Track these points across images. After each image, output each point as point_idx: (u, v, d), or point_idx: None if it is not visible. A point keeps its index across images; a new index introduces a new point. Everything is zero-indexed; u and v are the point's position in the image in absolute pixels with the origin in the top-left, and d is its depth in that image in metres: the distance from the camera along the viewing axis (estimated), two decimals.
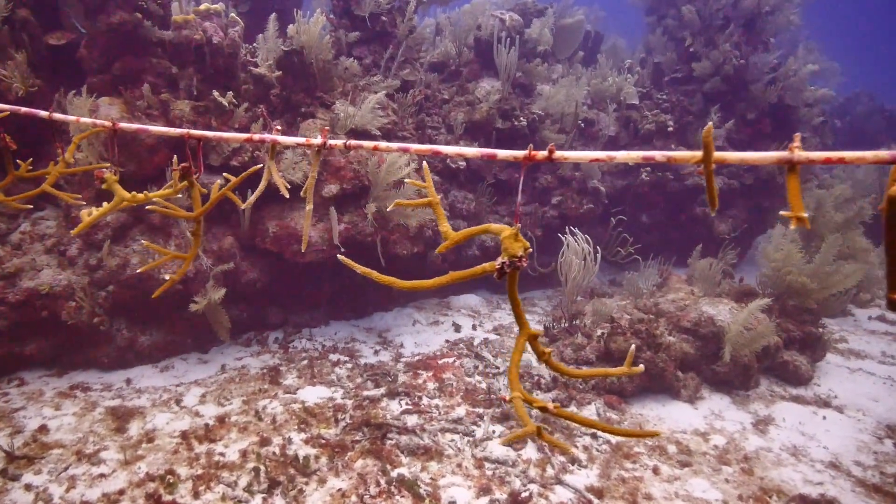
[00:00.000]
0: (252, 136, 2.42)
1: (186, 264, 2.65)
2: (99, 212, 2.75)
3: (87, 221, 2.71)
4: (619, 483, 5.65)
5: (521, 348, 1.99)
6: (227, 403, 6.30)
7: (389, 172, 6.68)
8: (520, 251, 1.89)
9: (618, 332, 6.99)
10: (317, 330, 7.89)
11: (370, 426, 6.00)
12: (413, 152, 2.11)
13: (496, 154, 1.94)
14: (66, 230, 6.59)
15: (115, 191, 2.73)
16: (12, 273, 6.29)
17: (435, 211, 2.11)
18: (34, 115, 2.92)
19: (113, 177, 2.74)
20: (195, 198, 2.64)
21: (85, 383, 6.49)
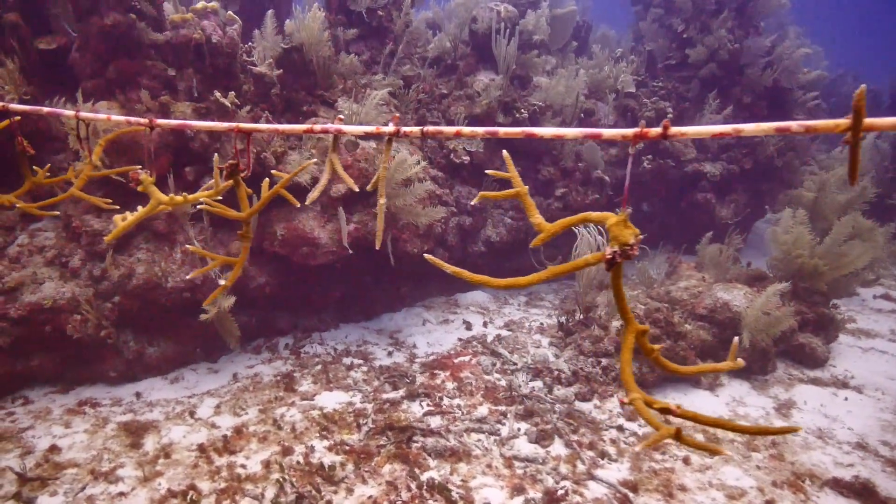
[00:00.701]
0: (313, 126, 2.26)
1: (237, 268, 2.48)
2: (135, 216, 2.58)
3: (122, 227, 2.54)
4: (651, 475, 5.55)
5: (631, 345, 1.86)
6: (244, 413, 6.10)
7: (398, 171, 6.51)
8: (631, 238, 1.76)
9: None
10: (327, 334, 7.70)
11: (394, 430, 5.84)
12: (502, 135, 1.96)
13: (601, 133, 1.80)
14: (67, 241, 6.34)
15: (152, 193, 2.56)
16: (13, 287, 6.04)
17: (524, 201, 1.96)
18: (58, 114, 2.73)
19: (149, 178, 2.57)
20: (241, 197, 2.48)
21: (93, 399, 6.26)
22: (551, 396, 6.57)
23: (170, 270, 6.27)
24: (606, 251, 1.77)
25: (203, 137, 6.31)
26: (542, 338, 7.99)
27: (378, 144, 6.99)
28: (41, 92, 6.56)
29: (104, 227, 6.20)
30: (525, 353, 7.44)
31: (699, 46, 10.23)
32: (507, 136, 1.90)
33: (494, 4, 9.51)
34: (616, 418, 6.35)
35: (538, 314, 8.85)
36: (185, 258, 6.41)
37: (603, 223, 1.83)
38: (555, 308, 9.13)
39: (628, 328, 1.86)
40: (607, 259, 1.76)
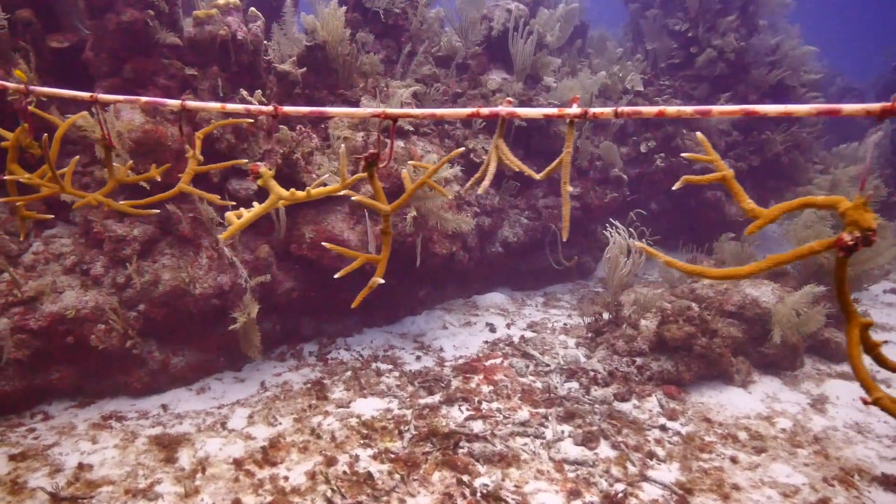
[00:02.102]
0: (479, 109, 2.11)
1: (381, 267, 2.31)
2: (252, 213, 2.41)
3: (239, 224, 2.36)
4: (702, 475, 5.47)
5: (857, 340, 1.75)
6: (278, 423, 5.88)
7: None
8: (873, 223, 1.64)
9: (669, 319, 6.82)
10: (352, 339, 7.50)
11: (438, 436, 5.67)
12: (716, 114, 1.83)
13: (841, 109, 1.68)
14: (87, 248, 6.05)
15: (271, 188, 2.39)
16: (32, 297, 5.73)
17: (731, 186, 1.83)
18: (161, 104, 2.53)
19: (268, 172, 2.40)
20: (377, 189, 2.31)
21: (118, 412, 5.97)
22: (589, 397, 6.46)
23: (197, 276, 6.02)
24: (845, 236, 1.64)
25: (229, 138, 6.08)
26: (568, 338, 7.88)
27: (405, 144, 6.83)
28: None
29: (128, 233, 5.93)
30: (555, 355, 7.32)
31: (708, 49, 10.25)
32: (723, 115, 1.77)
33: (505, 3, 9.41)
34: (657, 418, 6.27)
35: (558, 315, 8.75)
36: (212, 263, 6.17)
37: (832, 207, 1.71)
38: (573, 308, 9.04)
39: (852, 322, 1.74)
40: (847, 245, 1.64)
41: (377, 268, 2.31)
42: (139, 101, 2.51)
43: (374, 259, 2.30)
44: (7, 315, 5.69)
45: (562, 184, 1.96)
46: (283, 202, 2.37)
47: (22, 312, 5.69)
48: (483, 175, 2.15)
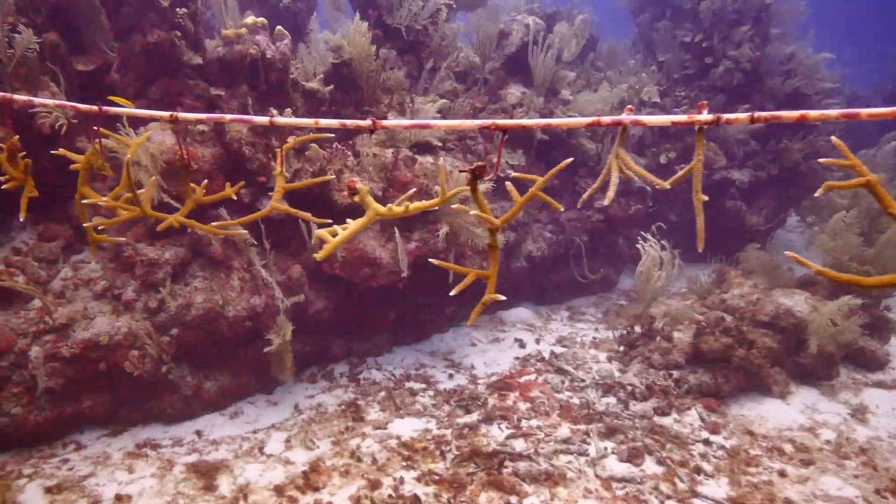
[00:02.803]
0: (600, 118, 2.04)
1: (492, 283, 2.23)
2: (349, 230, 2.32)
3: (336, 242, 2.28)
4: (753, 490, 5.36)
5: None
6: (316, 447, 5.75)
7: (460, 184, 6.29)
8: None
9: (705, 331, 6.74)
10: (382, 358, 7.39)
11: (481, 456, 5.56)
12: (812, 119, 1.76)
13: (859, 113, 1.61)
14: (117, 272, 5.95)
15: (368, 204, 2.31)
16: (64, 324, 5.63)
17: (876, 192, 1.75)
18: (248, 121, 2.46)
19: (365, 188, 2.31)
20: (480, 202, 2.23)
21: (152, 440, 5.85)
22: (628, 412, 6.36)
23: (229, 298, 5.93)
24: None
25: (260, 157, 6.01)
26: (599, 352, 7.78)
27: (434, 159, 6.77)
28: (80, 115, 6.20)
29: (160, 256, 5.84)
30: (588, 369, 7.22)
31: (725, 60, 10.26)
32: (871, 117, 1.69)
33: (522, 17, 9.41)
34: (699, 432, 6.16)
35: (585, 329, 8.65)
36: (244, 285, 6.07)
37: None
38: (599, 322, 8.95)
39: None
40: None
41: (488, 284, 2.22)
42: (223, 118, 2.43)
43: (485, 275, 2.22)
44: (39, 343, 5.58)
45: (693, 193, 1.89)
46: (381, 216, 2.29)
47: (54, 340, 5.58)
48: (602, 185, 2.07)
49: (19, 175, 2.85)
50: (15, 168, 2.86)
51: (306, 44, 6.83)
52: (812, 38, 11.54)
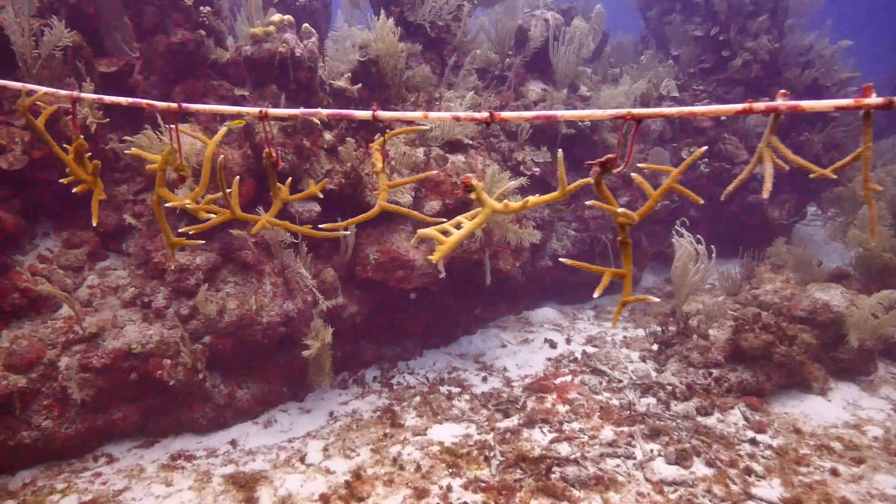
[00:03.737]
0: (752, 105, 1.88)
1: (628, 282, 2.07)
2: (465, 229, 2.16)
3: (452, 242, 2.12)
4: (807, 490, 5.23)
5: None
6: (355, 455, 5.59)
7: (494, 183, 6.13)
8: None
9: (745, 328, 6.60)
10: (413, 362, 7.23)
11: (527, 461, 5.41)
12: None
13: None
14: (146, 279, 5.78)
15: (484, 201, 2.15)
16: (95, 334, 5.45)
17: None
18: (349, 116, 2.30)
19: (480, 184, 2.16)
20: (606, 195, 2.07)
21: (186, 451, 5.67)
22: (670, 413, 6.22)
23: (263, 304, 5.76)
24: None
25: (292, 158, 5.84)
26: (631, 352, 7.65)
27: (465, 158, 6.61)
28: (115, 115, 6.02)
29: (191, 262, 5.66)
30: (623, 370, 7.08)
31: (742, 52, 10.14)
32: None
33: (540, 12, 9.26)
34: (744, 431, 6.03)
35: (613, 328, 8.51)
36: (276, 290, 5.91)
37: None
38: (627, 320, 8.81)
39: None
40: None
41: (624, 284, 2.06)
42: (318, 113, 2.27)
43: (620, 273, 2.06)
44: (69, 353, 5.41)
45: (863, 181, 1.74)
46: (499, 211, 2.13)
47: (84, 350, 5.40)
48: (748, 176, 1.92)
49: (88, 177, 2.68)
50: (83, 170, 2.69)
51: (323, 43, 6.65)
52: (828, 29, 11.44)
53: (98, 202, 2.76)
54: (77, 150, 2.70)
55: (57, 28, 5.05)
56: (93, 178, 2.71)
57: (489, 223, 6.39)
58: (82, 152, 2.73)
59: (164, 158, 2.57)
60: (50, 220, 6.09)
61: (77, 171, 2.67)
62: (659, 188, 2.05)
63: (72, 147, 2.73)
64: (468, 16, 7.93)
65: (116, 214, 6.16)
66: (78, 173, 2.68)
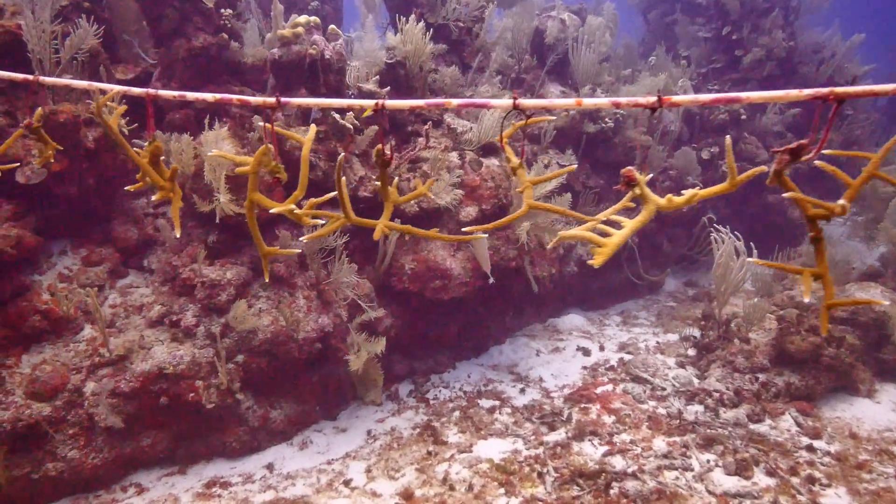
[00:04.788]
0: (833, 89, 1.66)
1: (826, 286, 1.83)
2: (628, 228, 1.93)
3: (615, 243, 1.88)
4: (875, 498, 5.02)
5: None
6: (400, 475, 5.31)
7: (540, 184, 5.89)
8: None
9: (790, 331, 6.41)
10: (447, 375, 6.95)
11: (584, 476, 5.15)
12: None
13: None
14: (173, 296, 5.46)
15: (648, 197, 1.92)
16: (122, 356, 5.13)
17: None
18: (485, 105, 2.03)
19: (642, 177, 1.92)
20: (789, 186, 1.83)
21: (220, 478, 5.35)
22: (720, 420, 6.00)
23: (298, 319, 5.46)
24: None
25: (323, 166, 5.57)
26: (667, 358, 7.42)
27: (500, 163, 6.37)
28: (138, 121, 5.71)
29: (221, 277, 5.36)
30: (664, 377, 6.85)
31: (754, 47, 10.03)
32: None
33: (556, 12, 9.08)
34: (799, 437, 5.82)
35: (643, 333, 8.29)
36: (310, 304, 5.61)
37: None
38: (654, 325, 8.60)
39: None
40: None
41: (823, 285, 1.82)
42: (449, 103, 2.02)
43: (818, 273, 1.81)
44: (94, 378, 5.08)
45: None
46: (661, 209, 1.90)
47: (111, 374, 5.08)
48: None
49: (166, 183, 2.40)
50: (160, 175, 2.41)
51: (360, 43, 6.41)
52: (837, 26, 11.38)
53: (178, 211, 2.48)
54: (153, 153, 2.43)
55: (83, 28, 4.75)
56: (171, 184, 2.44)
57: (535, 228, 6.15)
58: (158, 156, 2.45)
59: (257, 160, 2.30)
60: (66, 236, 5.76)
61: (154, 177, 2.39)
62: (858, 177, 1.82)
63: (146, 149, 2.46)
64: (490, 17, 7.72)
65: (136, 229, 5.85)
66: (155, 179, 2.40)
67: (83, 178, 5.36)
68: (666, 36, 12.95)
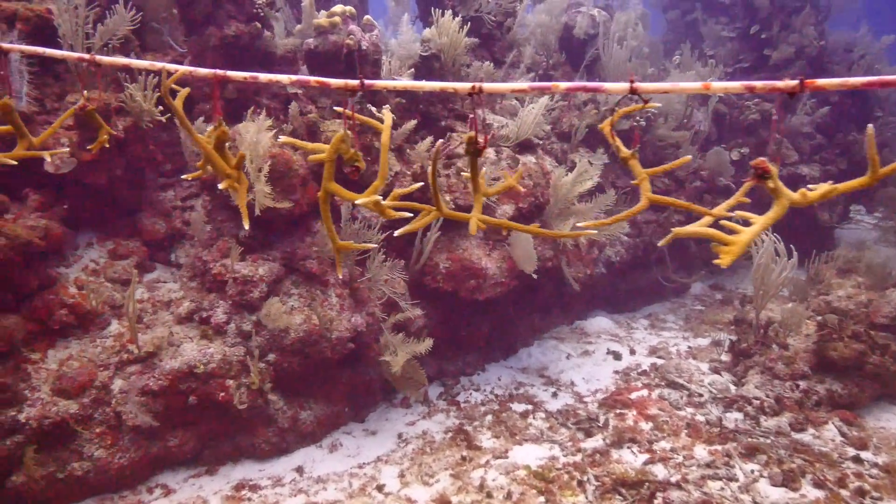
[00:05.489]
0: None
1: None
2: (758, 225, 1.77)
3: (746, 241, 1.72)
4: None
5: None
6: (435, 481, 5.13)
7: (578, 182, 5.72)
8: None
9: (832, 337, 6.22)
10: (477, 377, 6.77)
11: (625, 485, 4.97)
12: None
13: None
14: (203, 292, 5.30)
15: (780, 191, 1.77)
16: (151, 353, 4.96)
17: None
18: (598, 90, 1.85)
19: (775, 169, 1.76)
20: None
21: (249, 480, 5.18)
22: (761, 429, 5.82)
23: (330, 318, 5.29)
24: None
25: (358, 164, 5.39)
26: (699, 363, 7.24)
27: (536, 159, 6.20)
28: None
29: (254, 273, 5.19)
30: (700, 382, 6.67)
31: (784, 46, 9.83)
32: None
33: (585, 8, 8.89)
34: (843, 447, 5.63)
35: (672, 337, 8.11)
36: (343, 302, 5.44)
37: None
38: (683, 329, 8.41)
39: None
40: None
41: None
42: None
43: None
44: (122, 375, 4.91)
45: None
46: (794, 205, 1.74)
47: (140, 371, 4.91)
48: None
49: (232, 171, 2.23)
50: (227, 162, 2.24)
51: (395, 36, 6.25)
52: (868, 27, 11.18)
53: (245, 201, 2.30)
54: (219, 138, 2.25)
55: (119, 14, 4.58)
56: (237, 171, 2.26)
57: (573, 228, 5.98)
58: (224, 141, 2.28)
59: (334, 147, 2.13)
60: (92, 228, 5.60)
61: (220, 164, 2.22)
62: None
63: (209, 134, 2.28)
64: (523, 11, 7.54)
65: (164, 221, 5.68)
66: (221, 167, 2.23)
67: (112, 168, 5.20)
68: (687, 35, 12.77)
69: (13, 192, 4.96)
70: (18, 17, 4.90)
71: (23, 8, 4.89)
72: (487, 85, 1.90)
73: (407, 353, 5.22)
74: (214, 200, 5.48)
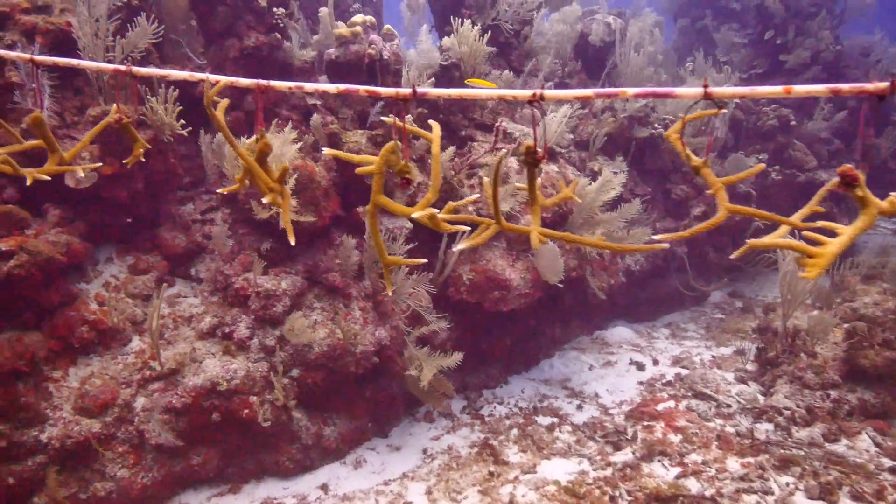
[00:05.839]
0: None
1: None
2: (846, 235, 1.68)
3: (835, 252, 1.63)
4: None
5: None
6: (463, 498, 5.02)
7: (602, 191, 5.63)
8: None
9: (863, 345, 6.10)
10: (500, 390, 6.67)
11: (659, 500, 4.85)
12: None
13: None
14: (225, 307, 5.22)
15: (868, 200, 1.67)
16: (174, 370, 4.87)
17: None
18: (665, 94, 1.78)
19: (863, 176, 1.67)
20: None
21: (273, 498, 5.08)
22: (793, 440, 5.69)
23: (355, 332, 5.20)
24: None
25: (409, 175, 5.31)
26: (725, 372, 7.12)
27: (558, 168, 6.11)
28: None
29: (276, 287, 5.11)
30: (727, 393, 6.55)
31: (800, 50, 9.76)
32: None
33: (600, 16, 8.83)
34: (878, 458, 5.50)
35: (694, 346, 7.99)
36: (366, 316, 5.35)
37: None
38: (705, 338, 8.29)
39: None
40: None
41: None
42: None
43: None
44: (145, 392, 4.83)
45: None
46: (883, 214, 1.65)
47: (162, 389, 4.82)
48: None
49: (275, 185, 2.15)
50: (269, 175, 2.16)
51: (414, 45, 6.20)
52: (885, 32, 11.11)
53: (288, 215, 2.22)
54: (262, 151, 2.17)
55: (141, 27, 4.52)
56: (280, 185, 2.18)
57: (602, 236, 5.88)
58: (266, 154, 2.20)
59: (383, 158, 2.04)
60: (112, 243, 5.53)
61: (263, 178, 2.14)
62: None
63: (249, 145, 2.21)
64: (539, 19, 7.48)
65: (184, 235, 5.61)
66: (264, 180, 2.14)
67: (132, 183, 5.13)
68: (698, 41, 12.72)
69: (33, 207, 4.89)
70: (38, 31, 4.86)
71: (42, 21, 4.85)
72: (549, 92, 1.82)
73: (434, 366, 5.12)
74: (235, 214, 5.41)
